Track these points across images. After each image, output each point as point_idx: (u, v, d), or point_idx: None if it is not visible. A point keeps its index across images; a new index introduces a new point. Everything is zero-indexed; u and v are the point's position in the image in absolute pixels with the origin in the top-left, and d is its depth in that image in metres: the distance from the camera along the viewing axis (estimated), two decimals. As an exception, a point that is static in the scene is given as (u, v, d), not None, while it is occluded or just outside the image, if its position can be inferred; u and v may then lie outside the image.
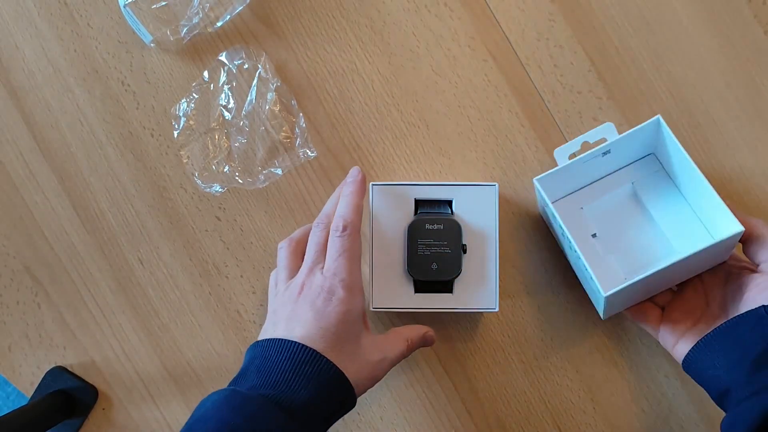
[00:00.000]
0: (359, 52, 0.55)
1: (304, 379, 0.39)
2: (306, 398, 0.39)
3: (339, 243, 0.44)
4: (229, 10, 0.54)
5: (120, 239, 0.56)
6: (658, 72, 0.53)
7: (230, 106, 0.54)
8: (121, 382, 0.56)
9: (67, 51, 0.56)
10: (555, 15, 0.54)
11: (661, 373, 0.53)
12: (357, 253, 0.45)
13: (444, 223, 0.49)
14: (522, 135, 0.54)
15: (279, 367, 0.40)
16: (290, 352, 0.40)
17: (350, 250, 0.44)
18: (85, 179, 0.56)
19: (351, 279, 0.43)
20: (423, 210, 0.50)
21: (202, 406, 0.39)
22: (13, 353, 0.57)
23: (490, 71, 0.54)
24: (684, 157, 0.45)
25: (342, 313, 0.42)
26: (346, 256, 0.44)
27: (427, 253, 0.49)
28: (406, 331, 0.48)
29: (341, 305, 0.42)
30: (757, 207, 0.53)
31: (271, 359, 0.40)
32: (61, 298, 0.56)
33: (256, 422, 0.37)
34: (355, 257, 0.44)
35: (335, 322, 0.42)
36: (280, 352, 0.40)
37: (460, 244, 0.49)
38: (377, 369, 0.44)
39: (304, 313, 0.42)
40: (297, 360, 0.40)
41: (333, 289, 0.43)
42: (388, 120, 0.55)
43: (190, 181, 0.55)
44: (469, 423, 0.54)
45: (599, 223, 0.52)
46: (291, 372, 0.39)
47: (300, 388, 0.39)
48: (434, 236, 0.49)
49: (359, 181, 0.48)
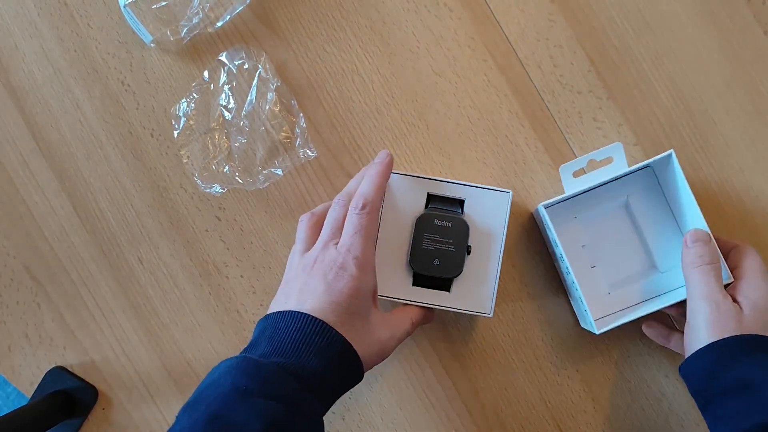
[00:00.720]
0: (359, 52, 0.55)
1: (315, 349, 0.39)
2: (316, 368, 0.39)
3: (356, 220, 0.44)
4: (229, 11, 0.54)
5: (120, 239, 0.56)
6: (658, 72, 0.53)
7: (230, 106, 0.54)
8: (120, 382, 0.56)
9: (67, 51, 0.56)
10: (555, 15, 0.54)
11: (662, 373, 0.53)
12: (373, 233, 0.45)
13: (453, 221, 0.49)
14: (522, 135, 0.54)
15: (290, 337, 0.40)
16: (301, 323, 0.40)
17: (367, 229, 0.44)
18: (85, 179, 0.56)
19: (364, 257, 0.43)
20: (434, 205, 0.50)
21: (215, 372, 0.39)
22: (13, 353, 0.57)
23: (490, 71, 0.54)
24: (687, 193, 0.47)
25: (353, 289, 0.42)
26: (362, 233, 0.44)
27: (431, 248, 0.49)
28: (409, 310, 0.49)
29: (353, 281, 0.42)
30: (756, 206, 0.53)
31: (282, 329, 0.40)
32: (61, 298, 0.56)
33: (270, 386, 0.37)
34: (371, 236, 0.44)
35: (346, 298, 0.42)
36: (291, 323, 0.40)
37: (465, 244, 0.49)
38: (386, 346, 0.45)
39: (316, 287, 0.42)
40: (308, 331, 0.40)
41: (345, 265, 0.43)
42: (388, 120, 0.55)
43: (190, 181, 0.55)
44: (469, 423, 0.54)
45: (589, 233, 0.52)
46: (302, 342, 0.39)
47: (310, 358, 0.39)
48: (441, 232, 0.49)
49: (386, 163, 0.47)
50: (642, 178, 0.52)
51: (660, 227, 0.52)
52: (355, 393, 0.55)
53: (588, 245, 0.52)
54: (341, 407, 0.55)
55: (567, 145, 0.54)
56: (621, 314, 0.50)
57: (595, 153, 0.49)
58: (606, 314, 0.51)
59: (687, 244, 0.46)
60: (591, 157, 0.49)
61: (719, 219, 0.53)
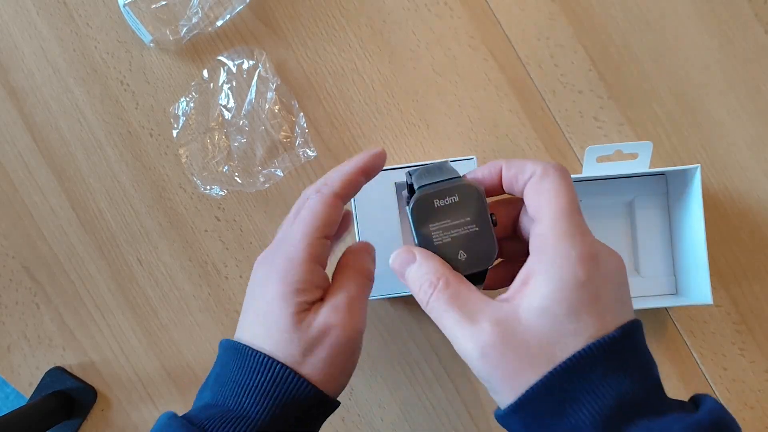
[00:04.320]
0: (359, 52, 0.55)
1: (257, 393, 0.32)
2: (260, 415, 0.31)
3: (302, 206, 0.35)
4: (228, 10, 0.54)
5: (119, 239, 0.56)
6: (659, 71, 0.53)
7: (230, 106, 0.54)
8: (120, 383, 0.56)
9: (66, 51, 0.56)
10: (556, 14, 0.54)
11: (662, 372, 0.53)
12: (322, 220, 0.34)
13: (458, 192, 0.35)
14: (522, 135, 0.54)
15: (238, 383, 0.32)
16: (240, 359, 0.32)
17: (312, 215, 0.34)
18: (84, 179, 0.56)
19: (294, 248, 0.34)
20: (423, 183, 0.36)
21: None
22: (12, 354, 0.56)
23: (491, 70, 0.54)
24: (698, 209, 0.47)
25: (278, 294, 0.33)
26: (303, 221, 0.35)
27: (446, 240, 0.35)
28: (351, 266, 0.36)
29: (277, 285, 0.33)
30: (758, 206, 0.53)
31: (229, 371, 0.33)
32: (60, 299, 0.56)
33: None
34: (315, 224, 0.34)
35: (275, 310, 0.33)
36: (241, 366, 0.32)
37: (487, 214, 0.35)
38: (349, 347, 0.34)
39: (252, 301, 0.35)
40: (248, 369, 0.32)
41: (275, 262, 0.34)
42: (389, 119, 0.54)
43: (190, 181, 0.55)
44: (469, 424, 0.54)
45: (587, 221, 0.52)
46: (243, 385, 0.32)
47: (252, 403, 0.31)
48: (450, 214, 0.35)
49: (371, 154, 0.36)
50: (653, 183, 0.52)
51: (653, 234, 0.52)
52: (354, 394, 0.55)
53: None
54: (341, 408, 0.55)
55: (568, 145, 0.54)
56: None
57: (625, 145, 0.49)
58: None
59: (398, 275, 0.34)
60: (619, 147, 0.49)
61: (720, 218, 0.53)
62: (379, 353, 0.54)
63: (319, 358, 0.32)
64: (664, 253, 0.52)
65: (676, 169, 0.48)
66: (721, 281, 0.53)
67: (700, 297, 0.48)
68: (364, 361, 0.54)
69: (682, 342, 0.53)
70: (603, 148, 0.49)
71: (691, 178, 0.48)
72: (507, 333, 0.27)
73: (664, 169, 0.48)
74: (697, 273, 0.48)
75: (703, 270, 0.47)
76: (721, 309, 0.53)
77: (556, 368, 0.26)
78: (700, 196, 0.47)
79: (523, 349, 0.26)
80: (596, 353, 0.26)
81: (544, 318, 0.26)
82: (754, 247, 0.53)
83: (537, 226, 0.30)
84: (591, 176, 0.50)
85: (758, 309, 0.53)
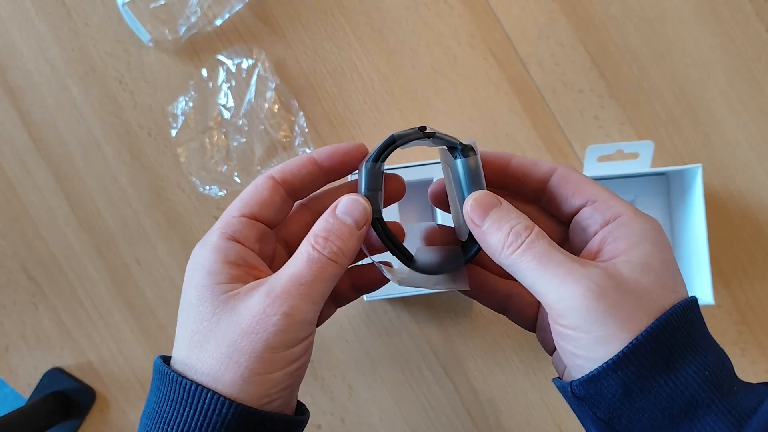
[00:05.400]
0: (358, 51, 0.54)
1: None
2: None
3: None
4: (227, 9, 0.54)
5: (117, 239, 0.55)
6: (660, 70, 0.53)
7: (229, 105, 0.53)
8: (118, 384, 0.56)
9: (65, 50, 0.55)
10: (556, 13, 0.53)
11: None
12: (239, 201, 0.31)
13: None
14: (523, 134, 0.54)
15: (161, 417, 0.26)
16: (171, 398, 0.26)
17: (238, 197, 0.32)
18: (83, 179, 0.55)
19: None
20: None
21: None
22: (10, 354, 0.56)
23: (491, 69, 0.54)
24: (699, 209, 0.47)
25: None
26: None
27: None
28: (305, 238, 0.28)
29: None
30: (760, 206, 0.52)
31: (152, 401, 0.28)
32: (58, 299, 0.56)
33: None
34: (234, 204, 0.31)
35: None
36: (163, 394, 0.27)
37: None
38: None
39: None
40: (179, 410, 0.26)
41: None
42: (388, 119, 0.54)
43: (188, 180, 0.55)
44: (469, 424, 0.53)
45: None
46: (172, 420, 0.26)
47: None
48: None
49: (336, 145, 0.31)
50: (654, 183, 0.52)
51: None
52: (354, 394, 0.54)
53: None
54: (340, 409, 0.54)
55: (568, 144, 0.53)
56: None
57: (626, 144, 0.48)
58: None
59: (475, 222, 0.28)
60: (621, 147, 0.48)
61: (722, 218, 0.52)
62: (378, 353, 0.54)
63: (240, 359, 0.25)
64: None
65: (677, 169, 0.47)
66: (722, 281, 0.52)
67: (702, 297, 0.47)
68: (364, 361, 0.54)
69: (683, 342, 0.53)
70: (604, 147, 0.48)
71: (693, 178, 0.48)
72: (619, 279, 0.25)
73: (666, 168, 0.48)
74: (698, 273, 0.48)
75: (704, 270, 0.47)
76: (722, 309, 0.53)
77: (670, 311, 0.25)
78: (701, 196, 0.47)
79: (635, 295, 0.25)
80: (695, 308, 0.25)
81: (646, 273, 0.25)
82: (755, 247, 0.52)
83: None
84: (592, 176, 0.50)
85: (760, 309, 0.52)
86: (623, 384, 0.24)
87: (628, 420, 0.25)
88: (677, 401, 0.24)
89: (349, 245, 0.28)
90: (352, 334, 0.54)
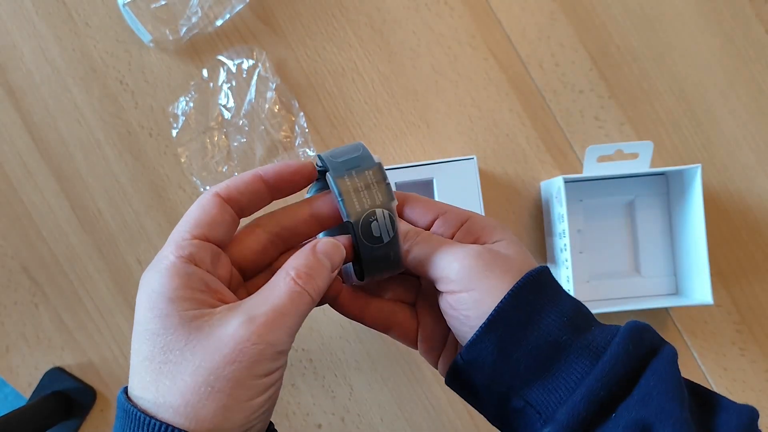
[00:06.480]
0: (359, 51, 0.54)
1: None
2: None
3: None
4: (228, 9, 0.54)
5: (118, 239, 0.55)
6: (660, 70, 0.53)
7: (229, 106, 0.53)
8: (119, 383, 0.56)
9: (66, 50, 0.55)
10: (556, 13, 0.53)
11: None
12: (185, 223, 0.29)
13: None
14: (523, 134, 0.54)
15: None
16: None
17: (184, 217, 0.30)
18: (83, 179, 0.55)
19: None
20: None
21: None
22: (11, 354, 0.56)
23: (491, 70, 0.54)
24: (698, 209, 0.47)
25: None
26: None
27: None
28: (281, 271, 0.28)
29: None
30: (759, 206, 0.52)
31: None
32: (59, 299, 0.56)
33: None
34: (180, 227, 0.29)
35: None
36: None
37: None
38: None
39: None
40: None
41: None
42: (388, 119, 0.54)
43: (189, 181, 0.55)
44: (469, 424, 0.54)
45: (588, 221, 0.53)
46: None
47: None
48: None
49: (284, 163, 0.32)
50: (654, 183, 0.52)
51: (654, 234, 0.52)
52: (354, 394, 0.54)
53: (583, 231, 0.52)
54: (341, 408, 0.54)
55: (568, 144, 0.54)
56: (596, 304, 0.51)
57: (625, 144, 0.48)
58: (584, 300, 0.52)
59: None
60: (620, 147, 0.49)
61: (721, 218, 0.53)
62: (379, 353, 0.54)
63: (224, 386, 0.25)
64: (665, 253, 0.52)
65: (676, 169, 0.48)
66: (721, 281, 0.53)
67: (701, 297, 0.47)
68: (364, 361, 0.54)
69: (683, 342, 0.53)
70: (604, 147, 0.48)
71: (692, 178, 0.48)
72: (490, 249, 0.30)
73: (665, 168, 0.48)
74: (697, 273, 0.48)
75: (703, 270, 0.47)
76: (721, 309, 0.53)
77: (528, 273, 0.30)
78: (700, 196, 0.47)
79: (504, 258, 0.30)
80: (548, 272, 0.31)
81: (508, 248, 0.31)
82: (754, 247, 0.52)
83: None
84: (592, 176, 0.50)
85: (759, 309, 0.53)
86: (498, 342, 0.29)
87: (510, 375, 0.29)
88: (544, 347, 0.28)
89: (326, 284, 0.29)
90: (353, 334, 0.54)
